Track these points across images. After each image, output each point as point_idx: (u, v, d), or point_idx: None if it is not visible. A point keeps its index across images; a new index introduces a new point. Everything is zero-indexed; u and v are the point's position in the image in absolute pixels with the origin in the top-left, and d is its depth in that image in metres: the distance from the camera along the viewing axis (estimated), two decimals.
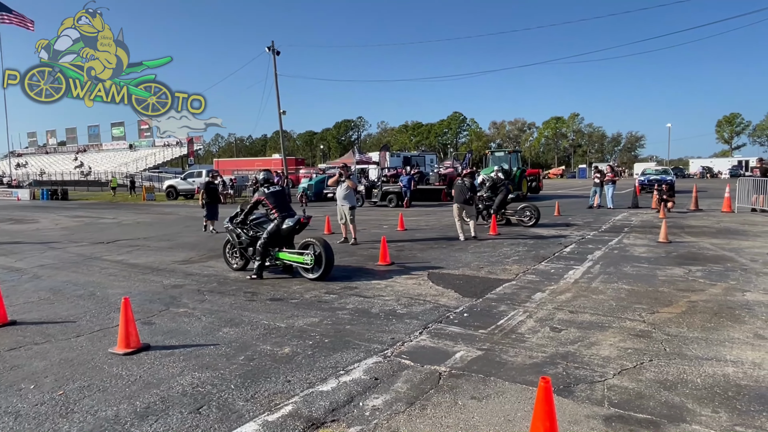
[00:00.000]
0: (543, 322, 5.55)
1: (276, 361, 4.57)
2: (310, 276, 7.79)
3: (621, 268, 8.34)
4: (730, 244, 10.50)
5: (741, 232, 12.30)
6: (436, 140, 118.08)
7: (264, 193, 8.35)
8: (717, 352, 4.57)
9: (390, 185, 25.35)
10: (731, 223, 14.14)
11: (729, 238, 11.33)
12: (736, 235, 11.91)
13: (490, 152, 31.57)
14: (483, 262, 9.21)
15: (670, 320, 5.53)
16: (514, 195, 15.23)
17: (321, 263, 7.69)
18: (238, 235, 8.59)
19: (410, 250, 10.79)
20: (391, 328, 5.43)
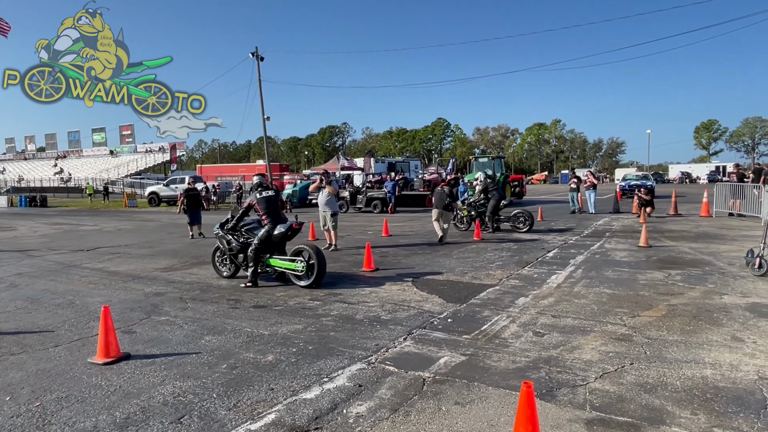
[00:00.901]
0: (526, 327, 5.59)
1: (259, 368, 4.54)
2: (302, 283, 7.71)
3: (603, 273, 8.44)
4: (708, 248, 10.69)
5: (719, 237, 12.54)
6: (421, 146, 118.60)
7: (256, 198, 8.28)
8: (696, 355, 4.64)
9: (375, 191, 25.37)
10: (709, 228, 14.41)
11: (707, 243, 11.54)
12: (714, 239, 12.14)
13: (474, 158, 31.81)
14: (467, 267, 9.25)
15: (651, 324, 5.61)
16: (507, 201, 15.32)
17: (313, 270, 7.63)
18: (228, 241, 8.47)
19: (395, 255, 10.80)
20: (375, 335, 5.42)
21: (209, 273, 9.25)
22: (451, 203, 12.69)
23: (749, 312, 5.99)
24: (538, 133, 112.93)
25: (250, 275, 7.93)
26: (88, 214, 28.64)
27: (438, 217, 12.72)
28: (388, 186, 24.28)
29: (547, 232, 14.42)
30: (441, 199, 12.69)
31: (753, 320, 5.67)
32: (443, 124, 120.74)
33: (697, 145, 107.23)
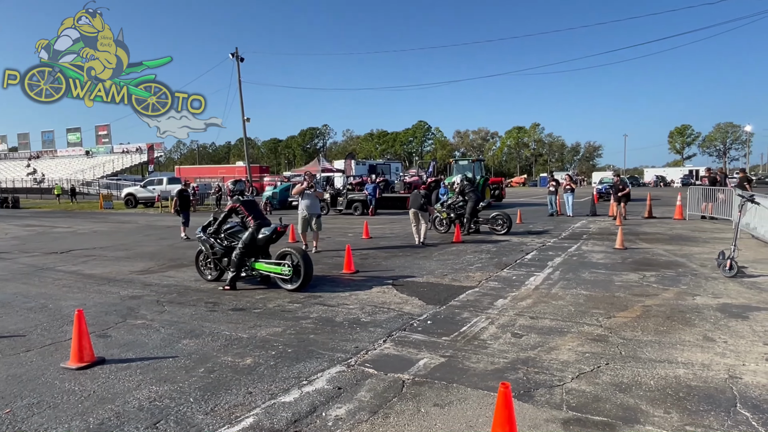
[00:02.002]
0: (504, 329, 5.64)
1: (237, 372, 4.49)
2: (288, 287, 7.64)
3: (579, 274, 8.56)
4: (681, 250, 10.93)
5: (692, 239, 12.83)
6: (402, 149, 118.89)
7: (239, 201, 8.21)
8: (669, 355, 4.74)
9: (355, 193, 25.33)
10: (683, 230, 14.73)
11: (681, 245, 11.80)
12: (687, 241, 12.41)
13: (454, 161, 32.01)
14: (447, 269, 9.29)
15: (626, 324, 5.71)
16: (485, 203, 15.44)
17: (300, 274, 7.57)
18: (211, 245, 8.33)
19: (375, 258, 10.80)
20: (355, 337, 5.41)
21: (187, 276, 9.12)
22: (426, 203, 12.91)
23: (720, 312, 6.14)
24: (518, 136, 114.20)
25: (230, 279, 7.84)
26: (63, 216, 28.01)
27: (415, 219, 12.91)
28: (368, 188, 24.28)
29: (526, 234, 14.58)
30: (416, 199, 12.97)
31: (724, 320, 5.81)
32: (424, 126, 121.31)
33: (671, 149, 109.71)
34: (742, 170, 20.61)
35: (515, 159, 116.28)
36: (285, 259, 7.75)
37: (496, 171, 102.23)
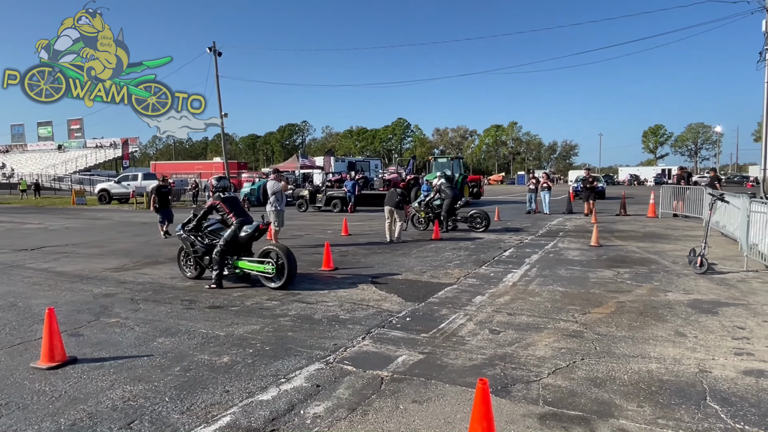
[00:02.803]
0: (482, 325, 5.69)
1: (214, 370, 4.43)
2: (272, 285, 7.55)
3: (556, 271, 8.68)
4: (654, 248, 11.17)
5: (664, 236, 13.11)
6: (381, 146, 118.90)
7: (220, 198, 8.08)
8: (642, 350, 4.84)
9: (334, 190, 25.26)
10: (656, 228, 15.05)
11: (653, 242, 12.06)
12: (660, 239, 12.69)
13: (433, 158, 32.13)
14: (426, 266, 9.33)
15: (601, 320, 5.81)
16: (463, 201, 15.51)
17: (283, 272, 7.48)
18: (192, 243, 8.19)
19: (354, 255, 10.79)
20: (333, 334, 5.40)
21: (162, 273, 8.98)
22: (402, 202, 12.98)
23: (691, 308, 6.29)
24: (496, 134, 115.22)
25: (215, 277, 7.72)
26: (34, 212, 27.27)
27: (389, 216, 13.01)
28: (348, 185, 24.23)
29: (504, 231, 14.72)
30: (392, 197, 13.04)
31: (694, 316, 5.95)
32: (403, 124, 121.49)
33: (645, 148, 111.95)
34: (712, 170, 21.20)
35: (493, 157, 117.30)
36: (268, 256, 7.67)
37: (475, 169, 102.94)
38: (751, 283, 7.62)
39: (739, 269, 8.66)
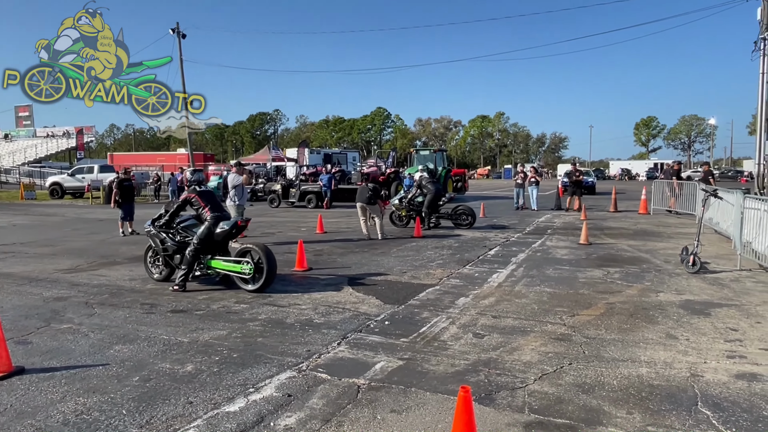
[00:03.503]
0: (466, 329, 5.73)
1: (176, 380, 4.38)
2: (249, 287, 7.47)
3: (544, 271, 8.79)
4: (645, 246, 11.38)
5: (656, 234, 13.38)
6: (359, 137, 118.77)
7: (195, 191, 7.96)
8: (632, 354, 4.93)
9: (309, 184, 25.16)
10: (647, 225, 15.35)
11: (645, 240, 12.29)
12: (652, 236, 12.94)
13: (415, 151, 32.21)
14: (406, 266, 9.36)
15: (589, 323, 5.90)
16: (447, 197, 15.57)
17: (262, 272, 7.38)
18: (162, 240, 8.02)
19: (330, 254, 10.77)
20: (307, 340, 5.38)
21: (120, 274, 8.83)
22: (373, 197, 13.06)
23: (683, 309, 6.43)
24: (482, 125, 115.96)
25: (180, 278, 7.59)
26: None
27: (362, 213, 13.12)
28: (323, 179, 24.14)
29: (489, 229, 14.84)
30: (363, 192, 13.17)
31: (686, 317, 6.09)
32: (383, 113, 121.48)
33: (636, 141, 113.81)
34: (705, 164, 21.68)
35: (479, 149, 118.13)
36: (245, 256, 7.57)
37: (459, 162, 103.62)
38: (744, 283, 7.83)
39: (732, 268, 8.88)
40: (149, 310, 6.56)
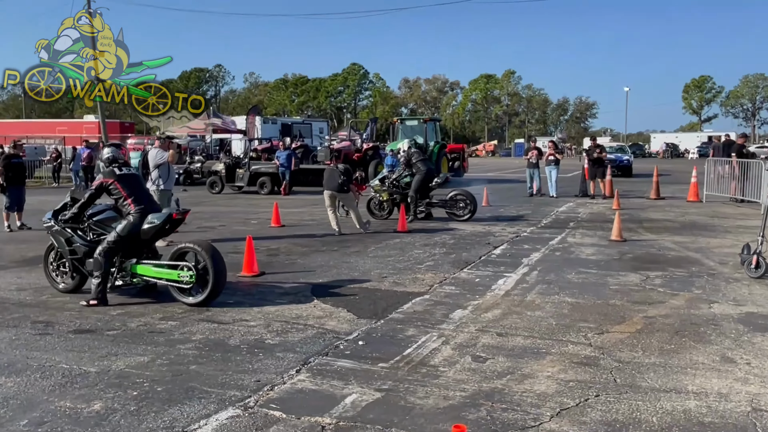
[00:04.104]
0: (463, 350, 5.73)
1: (80, 423, 4.30)
2: (189, 300, 7.35)
3: (564, 276, 8.86)
4: (696, 243, 11.54)
5: (709, 227, 13.57)
6: (328, 102, 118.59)
7: (113, 175, 7.75)
8: (677, 382, 4.98)
9: (261, 164, 25.02)
10: (698, 216, 15.57)
11: (695, 235, 12.46)
12: (704, 230, 13.13)
13: (399, 120, 32.21)
14: (387, 269, 9.35)
15: (623, 342, 5.94)
16: (441, 179, 15.55)
17: (207, 281, 7.25)
18: (68, 239, 7.80)
19: (288, 254, 10.73)
20: (256, 367, 5.34)
21: (5, 283, 8.72)
22: (346, 183, 13.09)
23: (743, 325, 6.52)
24: (486, 88, 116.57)
25: (96, 288, 7.42)
26: None
27: (332, 203, 13.21)
28: (281, 157, 24.03)
29: (494, 221, 14.91)
30: (332, 177, 13.18)
31: (747, 335, 6.17)
32: (359, 72, 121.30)
33: (686, 108, 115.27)
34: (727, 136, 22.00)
35: (482, 119, 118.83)
36: (184, 258, 7.45)
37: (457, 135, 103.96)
38: None
39: None
40: (44, 330, 6.45)
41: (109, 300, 7.55)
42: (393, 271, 9.22)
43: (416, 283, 8.45)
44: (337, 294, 7.91)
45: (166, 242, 10.44)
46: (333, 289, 8.19)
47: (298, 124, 39.69)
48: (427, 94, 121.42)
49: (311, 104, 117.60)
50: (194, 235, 12.15)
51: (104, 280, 7.45)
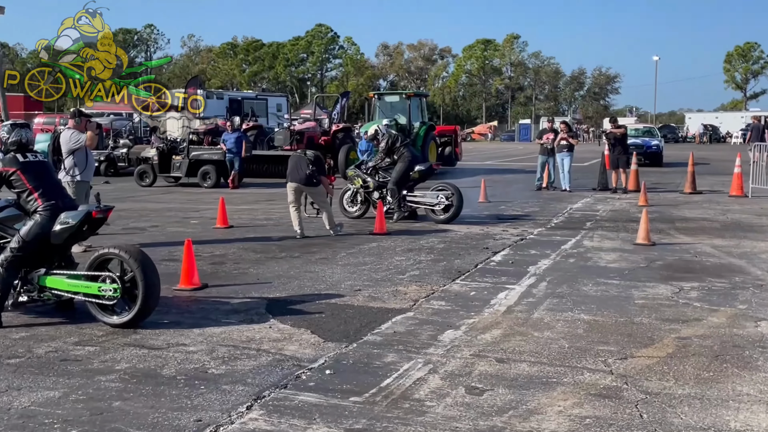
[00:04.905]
0: (455, 380, 5.72)
1: None
2: (112, 320, 7.28)
3: (579, 288, 8.91)
4: (740, 247, 11.67)
5: (756, 228, 13.73)
6: (287, 72, 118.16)
7: (15, 162, 7.61)
8: (717, 418, 5.01)
9: (204, 149, 24.88)
10: (743, 215, 15.73)
11: (739, 238, 12.60)
12: (750, 232, 13.28)
13: (376, 96, 32.13)
14: (361, 280, 9.36)
15: (650, 369, 5.98)
16: (425, 167, 15.40)
17: (135, 295, 7.18)
18: None
19: (237, 261, 10.71)
20: (197, 403, 5.30)
21: None
22: (316, 173, 12.99)
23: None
24: (484, 56, 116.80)
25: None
26: None
27: (296, 198, 13.09)
28: (228, 140, 23.90)
29: (494, 220, 14.96)
30: (299, 166, 13.03)
31: None
32: (327, 35, 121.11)
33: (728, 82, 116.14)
34: None
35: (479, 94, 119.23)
36: (106, 268, 7.38)
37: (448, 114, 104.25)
38: None
39: None
40: None
41: (10, 320, 7.48)
42: (368, 283, 9.21)
43: (397, 298, 8.45)
44: (299, 311, 7.87)
45: (84, 247, 10.36)
46: (293, 305, 8.16)
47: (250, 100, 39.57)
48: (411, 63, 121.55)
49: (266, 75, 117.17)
50: (119, 239, 12.06)
51: (2, 297, 7.35)
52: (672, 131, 79.19)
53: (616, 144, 21.03)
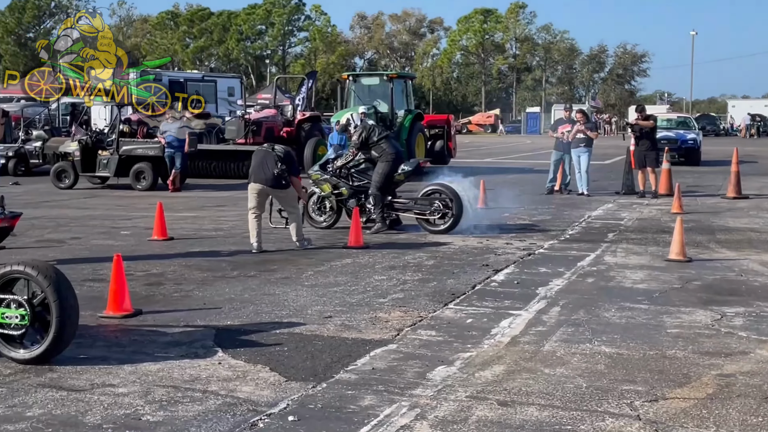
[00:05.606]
0: (448, 428, 5.72)
1: None
2: (20, 354, 7.19)
3: (599, 313, 8.93)
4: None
5: None
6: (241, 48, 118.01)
7: None
8: None
9: (138, 143, 24.84)
10: None
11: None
12: None
13: (351, 78, 32.14)
14: (332, 305, 9.36)
15: (686, 413, 6.00)
16: (410, 166, 15.39)
17: (48, 323, 7.10)
18: None
19: (179, 282, 10.70)
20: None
21: None
22: (285, 172, 12.90)
23: None
24: (483, 29, 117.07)
25: None
26: None
27: (259, 203, 13.06)
28: (169, 134, 23.84)
29: (495, 231, 14.99)
30: (266, 162, 12.92)
31: None
32: (289, 2, 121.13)
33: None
34: None
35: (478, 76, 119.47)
36: (11, 290, 7.31)
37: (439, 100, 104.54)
38: None
39: None
40: None
41: None
42: (341, 308, 9.19)
43: (377, 326, 8.43)
44: (255, 343, 7.84)
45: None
46: (248, 335, 8.13)
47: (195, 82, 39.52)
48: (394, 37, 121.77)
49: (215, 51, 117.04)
50: (30, 254, 12.00)
51: None
52: (712, 122, 79.60)
53: (644, 138, 21.03)
